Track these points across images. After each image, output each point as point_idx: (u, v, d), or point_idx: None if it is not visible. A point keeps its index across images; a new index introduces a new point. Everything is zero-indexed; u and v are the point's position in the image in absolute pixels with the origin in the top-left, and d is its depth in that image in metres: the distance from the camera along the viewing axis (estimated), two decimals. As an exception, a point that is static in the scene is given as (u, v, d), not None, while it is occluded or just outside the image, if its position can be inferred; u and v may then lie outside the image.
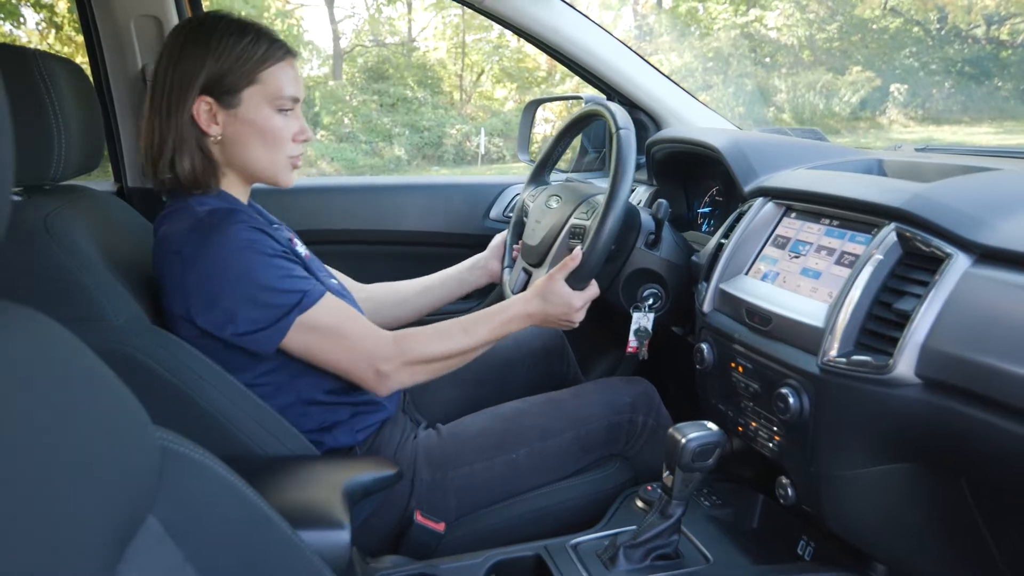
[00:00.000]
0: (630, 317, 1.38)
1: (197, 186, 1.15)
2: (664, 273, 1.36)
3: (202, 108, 1.13)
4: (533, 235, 1.47)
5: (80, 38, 1.92)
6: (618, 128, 1.28)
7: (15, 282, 1.00)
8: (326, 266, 1.36)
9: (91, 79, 1.33)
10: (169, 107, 1.13)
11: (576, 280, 1.26)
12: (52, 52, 1.07)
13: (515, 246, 1.58)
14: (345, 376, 1.16)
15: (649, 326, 1.36)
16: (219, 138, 1.15)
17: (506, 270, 1.57)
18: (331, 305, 1.13)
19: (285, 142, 1.18)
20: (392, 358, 1.15)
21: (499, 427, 1.30)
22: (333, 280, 1.30)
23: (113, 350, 1.01)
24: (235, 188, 1.21)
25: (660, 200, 1.35)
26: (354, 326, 1.15)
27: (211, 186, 1.16)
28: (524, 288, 1.47)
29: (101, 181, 1.99)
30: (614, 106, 1.33)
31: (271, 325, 1.08)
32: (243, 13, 1.23)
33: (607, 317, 1.55)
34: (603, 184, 1.30)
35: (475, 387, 1.52)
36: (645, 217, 1.36)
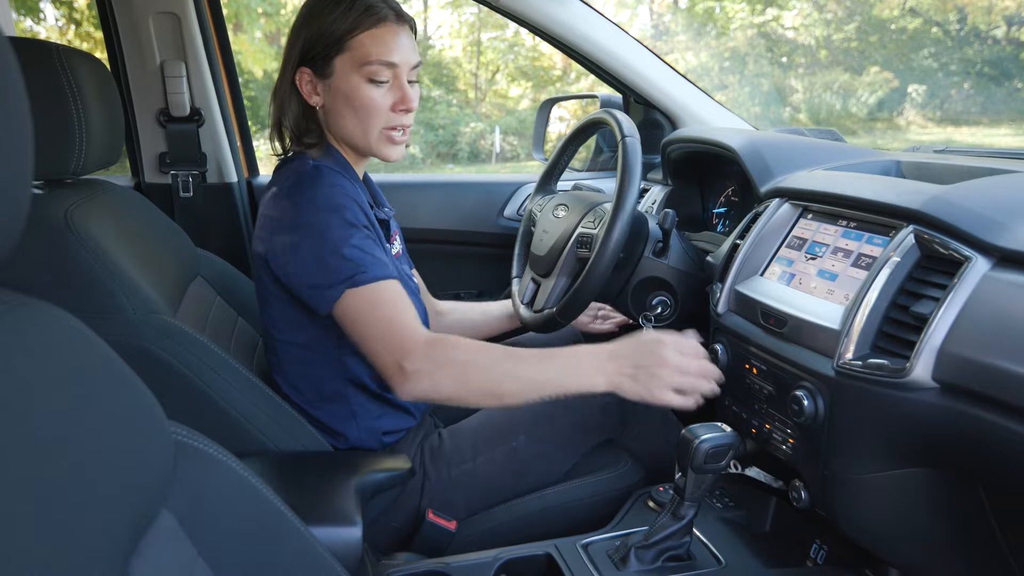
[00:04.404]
0: (639, 325, 1.38)
1: (302, 143, 1.20)
2: (673, 281, 1.35)
3: (304, 79, 1.17)
4: (541, 245, 1.47)
5: (99, 34, 1.93)
6: (624, 136, 1.27)
7: (35, 275, 1.01)
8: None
9: (110, 75, 1.33)
10: (282, 73, 1.19)
11: (585, 288, 1.26)
12: (74, 47, 1.07)
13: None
14: (373, 362, 1.10)
15: None
16: (321, 109, 1.18)
17: (515, 280, 1.57)
18: (387, 289, 1.10)
19: (377, 112, 1.16)
20: (420, 357, 1.06)
21: (495, 419, 1.31)
22: (414, 281, 1.31)
23: (130, 344, 1.02)
24: (347, 155, 1.23)
25: (667, 210, 1.35)
26: (399, 318, 1.09)
27: (314, 147, 1.20)
28: (533, 298, 1.47)
29: (119, 176, 2.01)
30: (620, 114, 1.33)
31: (326, 287, 1.08)
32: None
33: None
34: (612, 184, 1.29)
35: None
36: (652, 225, 1.36)
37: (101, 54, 1.93)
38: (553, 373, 1.06)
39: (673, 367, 1.04)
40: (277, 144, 1.24)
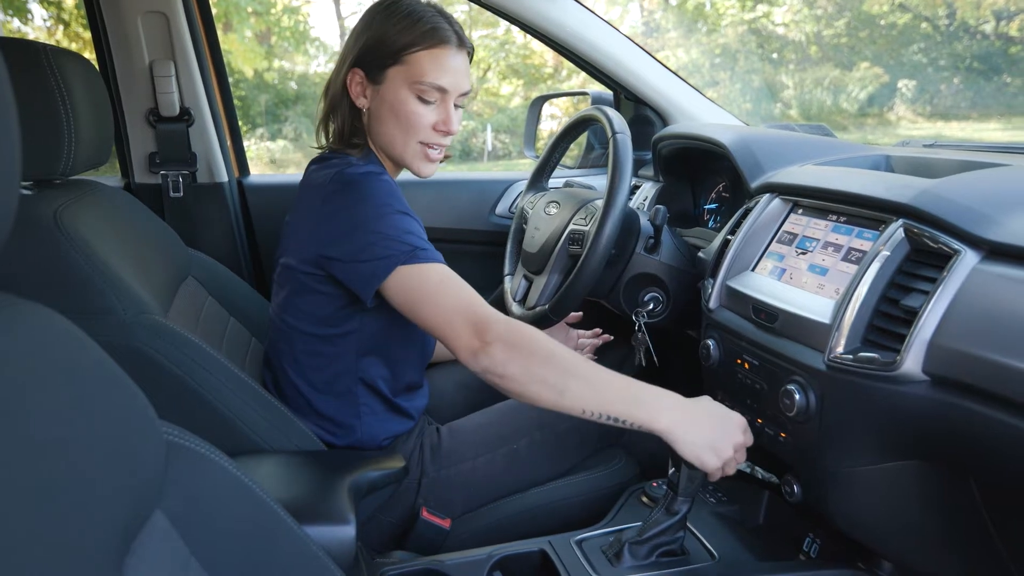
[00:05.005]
0: (632, 321, 1.38)
1: (344, 144, 1.21)
2: (664, 277, 1.36)
3: (355, 80, 1.18)
4: (532, 242, 1.47)
5: (87, 34, 1.92)
6: (614, 132, 1.28)
7: (24, 276, 1.00)
8: None
9: (98, 75, 1.33)
10: (336, 71, 1.21)
11: (577, 285, 1.25)
12: (62, 47, 1.07)
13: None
14: (440, 334, 1.06)
15: (647, 337, 1.36)
16: (366, 111, 1.20)
17: (508, 277, 1.57)
18: (452, 272, 1.09)
19: (418, 128, 1.18)
20: (502, 330, 1.01)
21: (498, 421, 1.32)
22: None
23: (120, 344, 1.02)
24: (384, 162, 1.24)
25: (658, 206, 1.35)
26: (473, 294, 1.07)
27: (358, 148, 1.21)
28: (525, 295, 1.46)
29: (108, 177, 2.00)
30: (611, 111, 1.33)
31: (373, 261, 1.07)
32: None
33: (611, 319, 1.55)
34: (603, 180, 1.30)
35: (479, 390, 1.52)
36: (644, 222, 1.37)
37: (90, 54, 1.92)
38: (626, 394, 1.01)
39: (735, 446, 1.02)
40: (323, 138, 1.26)
